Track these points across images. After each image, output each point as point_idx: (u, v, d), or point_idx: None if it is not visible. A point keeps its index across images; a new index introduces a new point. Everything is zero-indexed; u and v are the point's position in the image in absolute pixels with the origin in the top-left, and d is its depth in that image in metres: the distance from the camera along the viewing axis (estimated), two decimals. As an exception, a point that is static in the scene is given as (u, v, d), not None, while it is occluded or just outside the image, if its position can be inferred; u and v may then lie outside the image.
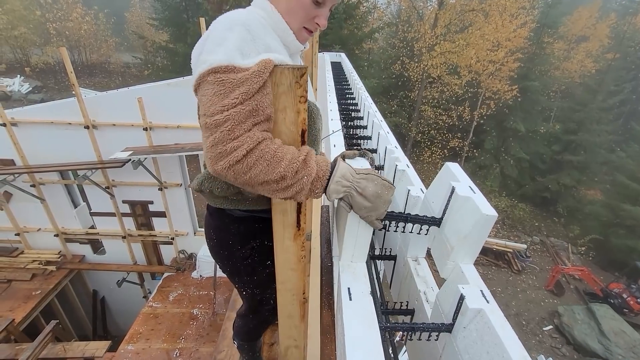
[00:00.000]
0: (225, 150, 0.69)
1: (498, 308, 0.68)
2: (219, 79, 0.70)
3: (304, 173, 0.72)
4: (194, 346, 4.76)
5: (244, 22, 0.76)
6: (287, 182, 0.72)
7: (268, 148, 0.70)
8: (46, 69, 23.11)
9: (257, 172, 0.70)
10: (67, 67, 4.70)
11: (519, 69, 16.95)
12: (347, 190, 0.77)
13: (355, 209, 0.78)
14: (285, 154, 0.71)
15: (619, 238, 13.84)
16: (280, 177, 0.71)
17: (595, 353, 9.51)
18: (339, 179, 0.77)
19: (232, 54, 0.72)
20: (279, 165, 0.70)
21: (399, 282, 1.20)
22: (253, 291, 1.17)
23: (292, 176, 0.71)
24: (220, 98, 0.70)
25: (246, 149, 0.68)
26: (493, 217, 0.73)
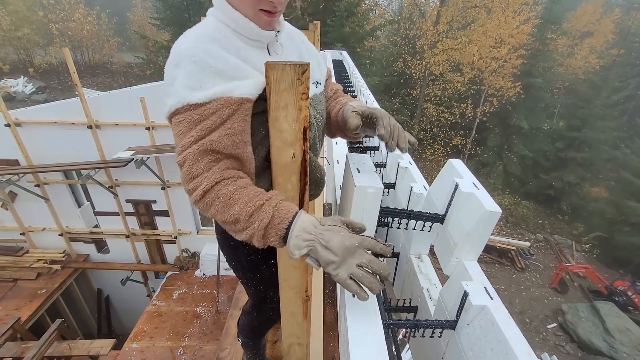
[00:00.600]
0: (188, 189, 0.74)
1: (502, 305, 0.68)
2: (178, 120, 0.74)
3: (256, 217, 0.68)
4: (197, 344, 4.79)
5: (188, 54, 0.73)
6: (240, 225, 0.70)
7: (225, 189, 0.71)
8: (49, 69, 23.24)
9: (214, 212, 0.72)
10: (70, 67, 4.72)
11: (522, 65, 16.82)
12: (310, 244, 0.66)
13: (323, 265, 0.66)
14: (241, 197, 0.70)
15: (624, 235, 13.74)
16: (234, 220, 0.70)
17: (600, 351, 9.46)
18: (299, 232, 0.67)
19: (183, 94, 0.72)
20: (232, 208, 0.70)
21: (402, 279, 1.20)
22: (257, 288, 1.17)
23: (245, 220, 0.69)
24: (179, 139, 0.74)
25: (203, 190, 0.71)
26: (497, 214, 0.73)
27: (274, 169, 0.74)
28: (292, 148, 0.70)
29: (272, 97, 0.65)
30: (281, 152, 0.71)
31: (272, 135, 0.69)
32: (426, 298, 0.96)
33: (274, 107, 0.65)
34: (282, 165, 0.73)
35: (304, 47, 1.00)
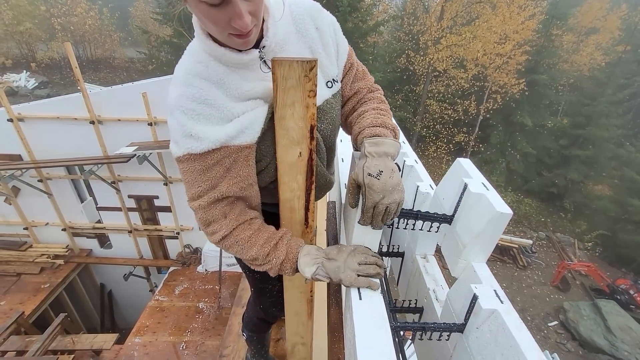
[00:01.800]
0: (207, 232, 0.84)
1: (513, 309, 0.66)
2: (182, 168, 0.79)
3: (274, 256, 0.80)
4: (200, 339, 4.81)
5: (177, 104, 0.74)
6: (259, 262, 0.82)
7: (243, 234, 0.81)
8: (52, 64, 23.24)
9: (234, 252, 0.83)
10: (72, 62, 4.71)
11: (526, 62, 16.65)
12: (317, 261, 0.79)
13: (332, 274, 0.77)
14: (258, 240, 0.81)
15: (627, 234, 13.67)
16: (253, 258, 0.82)
17: (601, 349, 9.46)
18: (306, 253, 0.80)
19: (182, 143, 0.75)
20: (252, 250, 0.81)
21: (407, 279, 1.19)
22: (254, 276, 1.19)
23: (263, 258, 0.81)
24: (188, 187, 0.80)
25: (222, 235, 0.81)
26: (508, 215, 0.71)
27: (279, 167, 0.73)
28: (298, 147, 0.68)
29: (278, 95, 0.63)
30: (287, 151, 0.69)
31: (278, 134, 0.68)
32: (432, 299, 0.95)
33: (280, 104, 0.64)
34: (288, 164, 0.71)
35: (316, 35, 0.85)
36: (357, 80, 0.96)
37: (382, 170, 0.70)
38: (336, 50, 0.90)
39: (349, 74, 0.95)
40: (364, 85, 0.96)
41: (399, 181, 0.72)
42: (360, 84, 0.96)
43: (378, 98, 0.96)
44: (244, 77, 0.76)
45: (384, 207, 0.70)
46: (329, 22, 0.88)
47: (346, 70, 0.94)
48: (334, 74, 0.90)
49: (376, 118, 0.84)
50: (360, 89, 0.96)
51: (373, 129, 0.81)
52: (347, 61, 0.94)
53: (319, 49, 0.85)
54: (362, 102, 0.96)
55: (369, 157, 0.74)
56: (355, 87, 0.96)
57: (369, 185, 0.70)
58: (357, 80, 0.96)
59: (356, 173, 0.74)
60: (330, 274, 0.77)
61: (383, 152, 0.75)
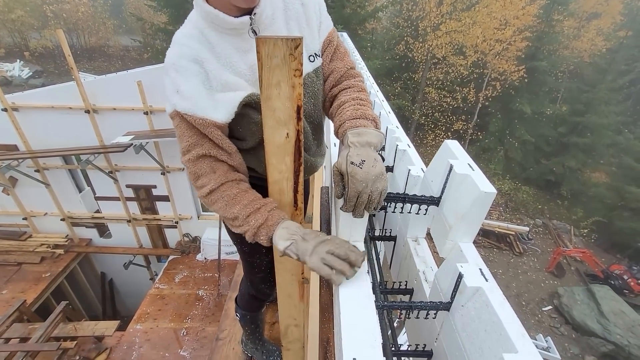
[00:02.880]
0: (196, 186, 0.88)
1: (497, 286, 0.67)
2: (174, 124, 0.86)
3: (253, 218, 0.81)
4: (200, 325, 4.90)
5: (170, 62, 0.83)
6: (238, 222, 0.83)
7: (230, 191, 0.84)
8: (45, 53, 22.82)
9: (217, 208, 0.86)
10: (65, 50, 4.63)
11: (526, 48, 16.44)
12: (292, 238, 0.78)
13: (300, 254, 0.76)
14: (243, 199, 0.83)
15: (623, 220, 13.80)
16: (233, 217, 0.83)
17: (594, 332, 9.68)
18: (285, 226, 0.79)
19: (172, 101, 0.82)
20: (234, 207, 0.83)
21: (399, 262, 1.20)
22: (242, 247, 1.22)
23: (243, 218, 0.82)
24: (179, 142, 0.87)
25: (209, 189, 0.84)
26: (492, 194, 0.71)
27: (267, 149, 0.73)
28: (285, 128, 0.68)
29: (263, 74, 0.62)
30: (274, 132, 0.69)
31: (264, 114, 0.67)
32: (422, 280, 0.96)
33: (266, 84, 0.63)
34: (276, 145, 0.71)
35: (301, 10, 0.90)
36: (335, 60, 0.99)
37: (364, 160, 0.70)
38: (318, 26, 0.94)
39: (328, 50, 0.97)
40: (342, 66, 0.97)
41: (382, 170, 0.71)
42: (338, 64, 0.97)
43: (358, 86, 0.96)
44: (235, 46, 0.84)
45: (366, 196, 0.69)
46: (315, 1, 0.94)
47: (325, 46, 0.97)
48: (316, 49, 0.94)
49: (356, 109, 0.86)
50: (337, 68, 0.97)
51: (354, 121, 0.82)
52: (326, 38, 0.97)
53: (303, 24, 0.91)
54: (341, 89, 0.97)
55: (351, 147, 0.75)
56: (332, 66, 0.98)
57: (352, 174, 0.69)
58: (335, 60, 0.99)
59: (339, 162, 0.73)
60: (298, 253, 0.76)
61: (365, 142, 0.76)
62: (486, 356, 0.61)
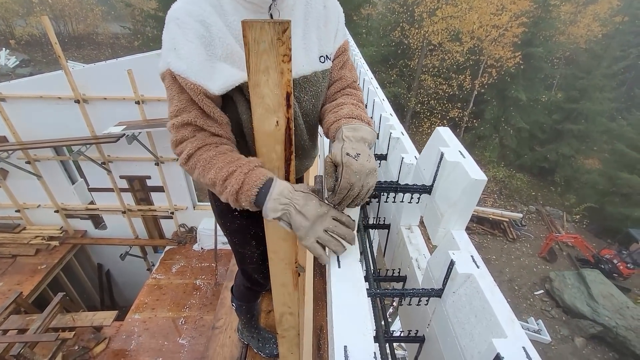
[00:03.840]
0: (176, 153, 0.82)
1: (488, 273, 0.68)
2: (165, 86, 0.80)
3: (228, 183, 0.72)
4: (198, 314, 4.95)
5: (174, 16, 0.76)
6: (217, 188, 0.75)
7: (206, 154, 0.77)
8: (32, 41, 22.15)
9: (197, 175, 0.79)
10: (51, 38, 4.50)
11: (523, 34, 16.30)
12: (285, 208, 0.70)
13: (294, 228, 0.70)
14: (218, 162, 0.75)
15: (614, 206, 14.04)
16: (212, 183, 0.76)
17: (583, 315, 9.97)
18: (277, 196, 0.70)
19: (165, 57, 0.77)
20: (210, 172, 0.75)
21: (392, 250, 1.21)
22: (232, 239, 1.21)
23: (220, 184, 0.74)
24: (169, 104, 0.80)
25: (187, 154, 0.78)
26: (482, 182, 0.71)
27: (256, 137, 0.71)
28: (274, 115, 0.66)
29: (251, 60, 0.60)
30: (264, 120, 0.67)
31: (253, 102, 0.65)
32: (415, 268, 0.97)
33: (253, 70, 0.61)
34: (265, 133, 0.70)
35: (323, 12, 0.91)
36: (345, 69, 1.01)
37: (359, 153, 0.71)
38: (335, 32, 0.95)
39: (341, 57, 1.00)
40: (350, 76, 1.01)
41: (375, 167, 0.72)
42: (347, 74, 1.01)
43: (358, 97, 0.99)
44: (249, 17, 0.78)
45: (357, 189, 0.69)
46: (337, 8, 0.96)
47: (339, 53, 0.99)
48: (329, 51, 0.94)
49: (353, 111, 0.88)
50: (346, 77, 1.00)
51: (350, 120, 0.85)
52: (342, 45, 0.99)
53: (321, 25, 0.91)
54: (343, 94, 0.99)
55: (346, 141, 0.76)
56: (342, 73, 1.00)
57: (347, 164, 0.69)
58: (345, 69, 1.01)
59: (334, 153, 0.73)
60: (293, 227, 0.70)
61: (360, 137, 0.78)
62: (476, 341, 0.62)
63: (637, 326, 9.37)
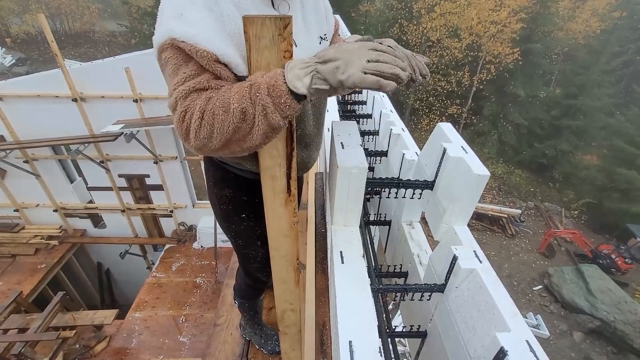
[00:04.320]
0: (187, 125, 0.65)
1: (491, 268, 0.68)
2: (165, 59, 0.69)
3: (255, 91, 0.60)
4: (199, 312, 4.96)
5: None
6: (250, 111, 0.61)
7: (215, 97, 0.64)
8: (28, 39, 22.00)
9: (220, 124, 0.63)
10: (48, 36, 4.47)
11: (521, 30, 16.26)
12: (308, 67, 0.59)
13: (329, 76, 0.59)
14: (231, 90, 0.63)
15: (613, 202, 14.08)
16: (241, 112, 0.61)
17: (582, 310, 10.02)
18: (292, 65, 0.60)
19: (169, 25, 0.66)
20: (231, 103, 0.61)
21: (394, 246, 1.21)
22: (236, 241, 1.19)
23: (250, 103, 0.61)
24: (171, 79, 0.69)
25: (199, 111, 0.64)
26: (485, 177, 0.71)
27: (258, 134, 0.71)
28: (276, 112, 0.66)
29: (252, 56, 0.60)
30: (265, 117, 0.67)
31: (254, 99, 0.65)
32: (416, 263, 0.97)
33: (254, 67, 0.61)
34: (267, 130, 0.69)
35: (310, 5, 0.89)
36: None
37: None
38: (325, 12, 0.95)
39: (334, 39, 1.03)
40: None
41: None
42: None
43: None
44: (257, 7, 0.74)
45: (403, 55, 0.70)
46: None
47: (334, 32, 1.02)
48: (325, 31, 0.93)
49: None
50: None
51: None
52: (334, 26, 1.00)
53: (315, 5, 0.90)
54: None
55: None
56: None
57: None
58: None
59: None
60: (328, 78, 0.58)
61: None
62: (479, 335, 0.62)
63: (634, 320, 9.44)
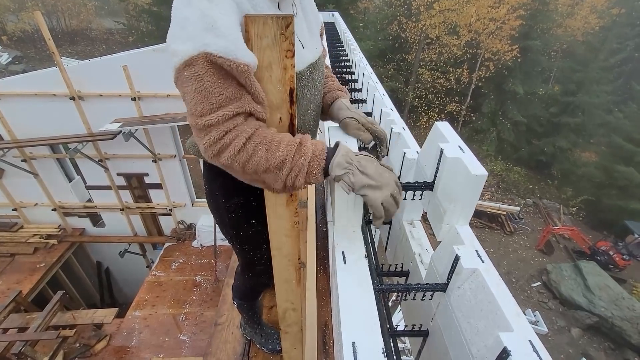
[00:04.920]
0: (225, 144, 0.67)
1: (493, 267, 0.68)
2: (195, 74, 0.63)
3: (301, 153, 0.69)
4: (198, 310, 4.97)
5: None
6: (287, 166, 0.69)
7: (265, 133, 0.68)
8: (24, 37, 21.85)
9: (259, 159, 0.67)
10: (44, 34, 4.43)
11: (520, 27, 16.24)
12: (348, 167, 0.72)
13: (357, 187, 0.73)
14: (283, 138, 0.69)
15: (611, 198, 14.14)
16: (281, 161, 0.68)
17: (580, 306, 10.09)
18: (344, 153, 0.73)
19: (200, 39, 0.62)
20: (278, 149, 0.67)
21: (395, 245, 1.21)
22: (242, 247, 1.18)
23: (291, 159, 0.68)
24: (204, 96, 0.64)
25: (245, 137, 0.66)
26: (483, 177, 0.71)
27: (260, 135, 0.70)
28: (278, 112, 0.66)
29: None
30: (268, 117, 0.67)
31: (256, 99, 0.65)
32: (418, 263, 0.97)
33: (257, 66, 0.60)
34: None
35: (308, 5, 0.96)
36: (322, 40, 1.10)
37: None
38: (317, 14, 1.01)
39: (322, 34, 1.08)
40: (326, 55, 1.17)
41: None
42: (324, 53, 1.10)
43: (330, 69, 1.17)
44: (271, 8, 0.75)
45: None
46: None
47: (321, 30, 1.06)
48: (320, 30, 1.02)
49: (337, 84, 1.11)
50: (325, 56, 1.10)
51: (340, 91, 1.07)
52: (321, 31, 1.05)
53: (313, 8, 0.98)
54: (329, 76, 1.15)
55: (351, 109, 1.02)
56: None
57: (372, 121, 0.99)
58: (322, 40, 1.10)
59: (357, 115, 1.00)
60: (355, 185, 0.73)
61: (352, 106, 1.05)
62: (482, 335, 0.62)
63: (632, 316, 9.50)
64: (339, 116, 1.02)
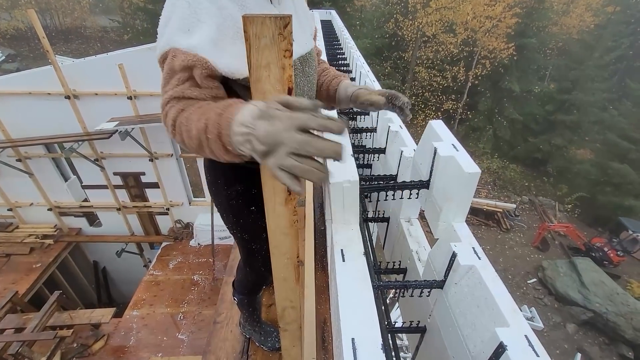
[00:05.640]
0: (167, 126, 0.73)
1: (489, 264, 0.69)
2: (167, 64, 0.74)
3: (209, 130, 0.61)
4: (197, 309, 4.97)
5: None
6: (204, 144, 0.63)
7: (187, 111, 0.69)
8: (18, 35, 21.58)
9: (185, 138, 0.68)
10: (39, 32, 4.39)
11: (516, 25, 16.31)
12: (247, 138, 0.55)
13: (258, 157, 0.55)
14: (195, 114, 0.65)
15: (606, 195, 14.27)
16: (198, 143, 0.65)
17: (575, 302, 10.20)
18: (237, 127, 0.56)
19: (173, 37, 0.72)
20: (192, 129, 0.65)
21: (392, 242, 1.22)
22: (242, 235, 1.20)
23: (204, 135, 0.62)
24: (164, 84, 0.76)
25: (172, 119, 0.71)
26: (476, 174, 0.72)
27: (258, 134, 0.71)
28: (276, 111, 0.66)
29: (252, 56, 0.60)
30: (265, 116, 0.67)
31: (254, 98, 0.65)
32: (415, 260, 0.98)
33: (255, 66, 0.60)
34: (267, 130, 0.69)
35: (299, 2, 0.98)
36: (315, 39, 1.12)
37: None
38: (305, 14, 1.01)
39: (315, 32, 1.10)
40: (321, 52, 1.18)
41: None
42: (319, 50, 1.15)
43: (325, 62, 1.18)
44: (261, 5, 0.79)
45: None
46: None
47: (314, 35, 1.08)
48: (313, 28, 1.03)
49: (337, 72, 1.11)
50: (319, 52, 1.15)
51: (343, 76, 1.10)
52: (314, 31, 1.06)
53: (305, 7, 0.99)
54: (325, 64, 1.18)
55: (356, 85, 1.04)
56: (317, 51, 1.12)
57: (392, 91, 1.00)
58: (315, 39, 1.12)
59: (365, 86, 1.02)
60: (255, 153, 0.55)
61: None
62: (479, 331, 0.63)
63: (626, 312, 9.62)
64: (347, 93, 1.03)
